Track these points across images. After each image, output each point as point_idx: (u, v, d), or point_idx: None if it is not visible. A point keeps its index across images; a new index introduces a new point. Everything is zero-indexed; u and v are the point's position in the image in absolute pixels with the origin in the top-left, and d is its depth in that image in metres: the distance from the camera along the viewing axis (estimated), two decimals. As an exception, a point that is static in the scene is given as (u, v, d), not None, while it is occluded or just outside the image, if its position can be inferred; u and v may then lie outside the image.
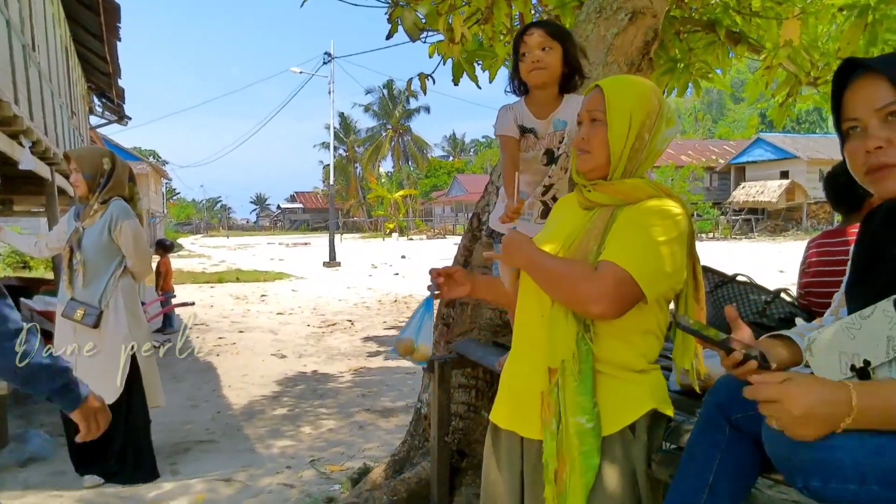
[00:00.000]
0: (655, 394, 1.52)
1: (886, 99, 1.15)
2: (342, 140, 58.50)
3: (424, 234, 44.40)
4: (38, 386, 1.65)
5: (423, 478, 2.99)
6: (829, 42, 3.73)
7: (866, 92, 1.18)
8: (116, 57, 10.81)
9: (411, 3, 3.28)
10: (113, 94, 13.08)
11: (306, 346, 7.68)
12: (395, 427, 4.47)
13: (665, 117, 1.54)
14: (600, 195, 1.54)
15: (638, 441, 1.48)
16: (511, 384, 1.64)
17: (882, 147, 1.16)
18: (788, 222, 32.99)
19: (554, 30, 2.19)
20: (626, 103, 1.51)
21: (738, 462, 1.41)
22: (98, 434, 1.86)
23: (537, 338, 1.54)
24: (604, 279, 1.38)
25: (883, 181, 1.18)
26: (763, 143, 35.53)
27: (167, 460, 3.88)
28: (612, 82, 1.57)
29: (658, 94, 1.56)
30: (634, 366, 1.50)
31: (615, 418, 1.46)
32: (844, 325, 1.18)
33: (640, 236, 1.43)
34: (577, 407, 1.43)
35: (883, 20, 3.01)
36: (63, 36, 9.50)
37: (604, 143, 1.52)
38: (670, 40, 3.51)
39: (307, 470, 3.72)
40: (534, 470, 1.53)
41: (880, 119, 1.17)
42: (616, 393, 1.47)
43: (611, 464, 1.45)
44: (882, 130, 1.16)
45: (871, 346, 1.13)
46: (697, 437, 1.47)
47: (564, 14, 3.50)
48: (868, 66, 1.19)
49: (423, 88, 3.71)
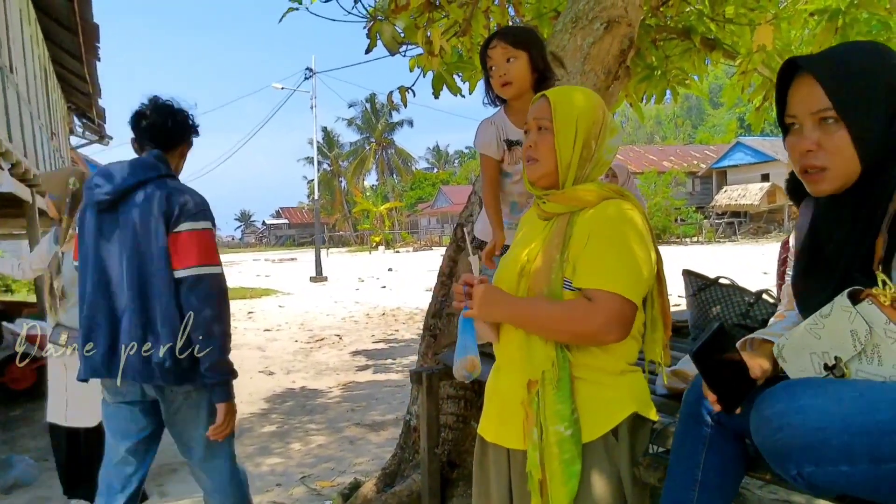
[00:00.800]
0: (636, 396, 1.53)
1: (820, 104, 1.22)
2: (326, 154, 58.45)
3: (411, 247, 44.36)
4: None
5: (414, 490, 2.97)
6: (802, 46, 3.80)
7: (804, 93, 1.25)
8: (96, 77, 10.76)
9: (390, 17, 3.30)
10: (93, 114, 13.01)
11: (294, 361, 7.63)
12: (386, 440, 4.45)
13: (609, 127, 1.56)
14: (556, 205, 1.55)
15: (621, 445, 1.48)
16: (495, 396, 1.65)
17: (812, 150, 1.23)
18: (771, 224, 33.35)
19: (516, 38, 2.17)
20: (573, 112, 1.53)
21: (723, 455, 1.42)
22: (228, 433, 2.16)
23: (517, 350, 1.55)
24: (605, 310, 1.40)
25: (815, 183, 1.26)
26: (743, 146, 35.95)
27: (155, 481, 3.83)
28: (557, 91, 1.60)
29: (602, 105, 1.58)
30: (613, 369, 1.51)
31: (596, 424, 1.47)
32: (808, 327, 1.22)
33: (614, 251, 1.44)
34: (556, 415, 1.44)
35: (853, 24, 3.07)
36: (42, 56, 9.44)
37: (551, 150, 1.54)
38: (647, 48, 3.56)
39: (297, 487, 3.69)
40: (521, 481, 1.53)
41: (814, 122, 1.23)
42: (596, 398, 1.48)
43: (595, 469, 1.46)
44: (814, 132, 1.23)
45: (837, 343, 1.16)
46: (681, 435, 1.49)
47: (541, 24, 3.53)
48: (806, 68, 1.24)
49: (403, 101, 3.72)
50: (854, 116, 1.21)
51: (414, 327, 9.72)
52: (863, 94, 1.21)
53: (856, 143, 1.21)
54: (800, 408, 1.10)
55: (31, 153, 6.95)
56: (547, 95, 1.57)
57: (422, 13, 3.40)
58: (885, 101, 1.21)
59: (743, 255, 21.21)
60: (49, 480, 3.90)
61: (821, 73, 1.23)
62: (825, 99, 1.21)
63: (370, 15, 3.44)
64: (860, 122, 1.21)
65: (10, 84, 6.05)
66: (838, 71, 1.22)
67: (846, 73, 1.22)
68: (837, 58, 1.25)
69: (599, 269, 1.43)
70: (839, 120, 1.21)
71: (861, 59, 1.24)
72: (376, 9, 3.49)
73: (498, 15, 3.57)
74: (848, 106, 1.21)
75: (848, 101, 1.21)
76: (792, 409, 1.11)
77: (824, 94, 1.21)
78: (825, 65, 1.24)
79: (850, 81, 1.21)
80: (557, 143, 1.53)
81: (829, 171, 1.24)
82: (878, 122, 1.21)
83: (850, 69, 1.23)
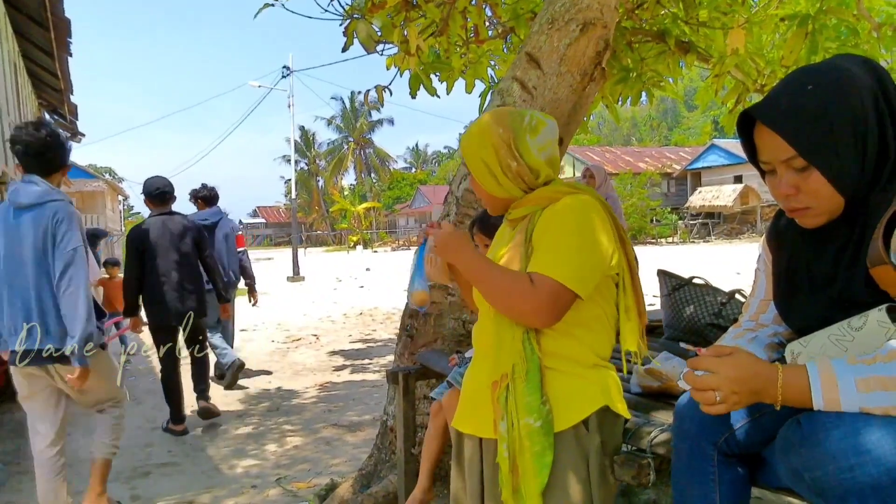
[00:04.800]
0: (607, 391, 1.55)
1: (786, 153, 1.21)
2: (304, 153, 58.06)
3: (389, 246, 44.26)
4: None
5: (390, 491, 2.97)
6: (774, 50, 3.86)
7: (767, 142, 1.24)
8: (68, 73, 10.55)
9: (366, 15, 3.29)
10: (65, 111, 12.76)
11: (270, 362, 7.56)
12: (363, 441, 4.43)
13: (526, 131, 1.59)
14: (521, 209, 1.62)
15: (592, 436, 1.50)
16: (469, 388, 1.69)
17: (791, 194, 1.24)
18: (744, 225, 33.86)
19: (492, 229, 2.22)
20: (471, 149, 1.64)
21: (734, 484, 1.40)
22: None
23: (487, 341, 1.60)
24: (538, 293, 1.44)
25: (803, 220, 1.28)
26: (717, 148, 36.46)
27: (126, 484, 3.78)
28: (463, 135, 1.71)
29: (503, 120, 1.61)
30: (583, 360, 1.54)
31: (566, 414, 1.49)
32: (833, 338, 1.21)
33: (562, 240, 1.48)
34: (525, 407, 1.46)
35: (822, 29, 3.13)
36: (12, 51, 9.24)
37: (479, 188, 1.68)
38: (622, 50, 3.59)
39: (273, 489, 3.66)
40: (493, 471, 1.54)
41: (787, 167, 1.23)
42: (566, 388, 1.51)
43: (565, 460, 1.47)
44: (790, 176, 1.23)
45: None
46: (685, 472, 1.43)
47: (518, 25, 3.55)
48: (762, 121, 1.23)
49: (380, 100, 3.71)
50: (823, 160, 1.18)
51: (391, 327, 9.69)
52: (826, 138, 1.18)
53: (832, 183, 1.19)
54: (869, 447, 1.05)
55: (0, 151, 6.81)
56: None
57: (399, 12, 3.39)
58: (852, 136, 1.17)
59: (717, 255, 21.51)
60: (18, 484, 3.82)
61: (777, 124, 1.20)
62: (789, 148, 1.19)
63: (346, 13, 3.43)
64: (830, 163, 1.18)
65: (-23, 79, 5.92)
66: (796, 119, 1.19)
67: (805, 119, 1.18)
68: (792, 102, 1.20)
69: (545, 255, 1.48)
70: (809, 165, 1.19)
71: (817, 98, 1.19)
72: (353, 7, 3.48)
73: (475, 15, 3.58)
74: (813, 151, 1.18)
75: (812, 146, 1.18)
76: (861, 447, 1.06)
77: (787, 144, 1.20)
78: (780, 114, 1.21)
79: (809, 126, 1.18)
80: (478, 181, 1.65)
81: (812, 209, 1.24)
82: (849, 159, 1.18)
83: (807, 114, 1.18)
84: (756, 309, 1.50)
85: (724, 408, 1.15)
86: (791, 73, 1.29)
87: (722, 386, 1.13)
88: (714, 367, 1.15)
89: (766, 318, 1.48)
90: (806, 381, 1.11)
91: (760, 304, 1.50)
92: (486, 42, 3.81)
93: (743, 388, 1.13)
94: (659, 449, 1.63)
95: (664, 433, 1.64)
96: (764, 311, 1.49)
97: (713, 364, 1.16)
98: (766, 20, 3.51)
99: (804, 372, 1.12)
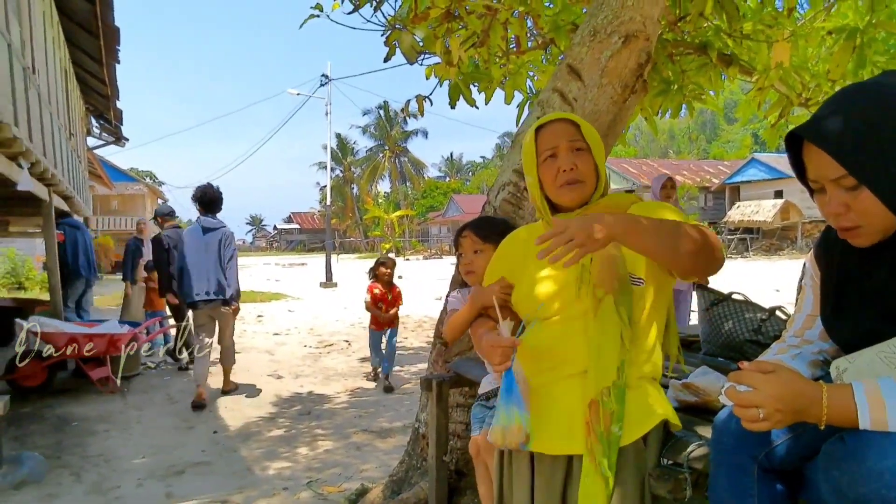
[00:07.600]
0: (666, 404, 1.55)
1: (835, 172, 1.19)
2: (339, 161, 58.71)
3: (421, 255, 44.39)
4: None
5: (421, 498, 2.97)
6: (820, 64, 3.79)
7: (815, 161, 1.22)
8: (115, 79, 10.88)
9: (409, 26, 3.33)
10: (111, 116, 13.14)
11: (302, 366, 7.64)
12: (393, 447, 4.44)
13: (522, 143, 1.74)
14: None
15: (649, 451, 1.50)
16: (557, 409, 1.59)
17: (841, 213, 1.22)
18: (783, 241, 33.11)
19: (486, 232, 2.25)
20: (594, 131, 1.73)
21: (774, 500, 1.37)
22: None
23: (581, 359, 1.54)
24: (709, 230, 1.48)
25: (854, 239, 1.26)
26: (757, 163, 35.78)
27: (162, 482, 3.86)
28: (574, 117, 1.78)
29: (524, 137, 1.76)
30: (653, 373, 1.56)
31: (633, 429, 1.49)
32: (882, 355, 1.19)
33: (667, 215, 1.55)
34: (613, 417, 1.46)
35: (871, 43, 3.07)
36: (63, 58, 9.57)
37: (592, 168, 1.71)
38: (663, 63, 3.57)
39: (304, 491, 3.70)
40: (546, 486, 1.53)
41: (836, 185, 1.21)
42: (636, 403, 1.51)
43: (626, 474, 1.47)
44: (840, 195, 1.21)
45: None
46: (724, 487, 1.40)
47: (559, 37, 3.55)
48: (808, 140, 1.22)
49: (420, 110, 3.75)
50: (873, 177, 1.16)
51: (423, 335, 9.71)
52: (876, 157, 1.15)
53: (884, 201, 1.17)
54: None
55: (49, 153, 7.04)
56: (569, 118, 1.69)
57: (440, 23, 3.43)
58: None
59: (755, 272, 21.06)
60: (58, 478, 3.93)
61: (826, 143, 1.18)
62: (839, 167, 1.17)
63: (389, 24, 3.47)
64: (881, 181, 1.16)
65: (31, 85, 6.14)
66: (845, 137, 1.17)
67: (854, 138, 1.16)
68: (841, 121, 1.18)
69: (676, 216, 1.54)
70: (859, 184, 1.17)
71: (867, 116, 1.16)
72: (395, 18, 3.53)
73: (516, 27, 3.60)
74: (863, 169, 1.16)
75: (861, 164, 1.16)
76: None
77: (836, 163, 1.17)
78: (829, 133, 1.18)
79: (859, 145, 1.16)
80: (598, 161, 1.67)
81: (863, 228, 1.22)
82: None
83: (856, 133, 1.16)
84: (802, 324, 1.48)
85: (766, 425, 1.13)
86: (839, 90, 1.26)
87: (765, 404, 1.12)
88: (756, 384, 1.14)
89: (812, 333, 1.46)
90: (852, 400, 1.10)
91: (806, 320, 1.47)
92: (526, 53, 3.83)
93: (787, 407, 1.11)
94: (696, 464, 1.61)
95: (702, 447, 1.62)
96: (810, 326, 1.46)
97: (755, 380, 1.14)
98: (812, 33, 3.45)
99: (849, 392, 1.11)
